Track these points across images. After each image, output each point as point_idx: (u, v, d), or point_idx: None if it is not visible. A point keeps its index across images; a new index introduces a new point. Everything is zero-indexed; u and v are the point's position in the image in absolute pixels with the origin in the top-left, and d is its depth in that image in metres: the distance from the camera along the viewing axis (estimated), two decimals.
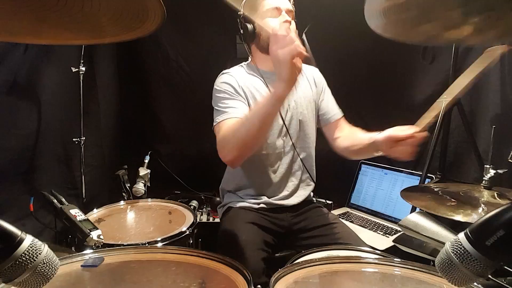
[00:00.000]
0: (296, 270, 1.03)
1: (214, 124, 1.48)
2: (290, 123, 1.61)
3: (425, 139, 1.28)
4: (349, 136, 1.64)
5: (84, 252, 1.10)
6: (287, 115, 1.60)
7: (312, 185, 1.72)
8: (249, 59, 1.68)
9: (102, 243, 1.29)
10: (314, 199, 1.79)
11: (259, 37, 1.56)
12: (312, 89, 1.70)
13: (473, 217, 1.04)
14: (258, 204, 1.60)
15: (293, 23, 1.54)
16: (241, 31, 1.57)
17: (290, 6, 1.55)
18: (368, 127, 2.69)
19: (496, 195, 1.18)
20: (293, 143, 1.62)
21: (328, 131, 1.72)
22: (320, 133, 1.77)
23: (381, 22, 0.78)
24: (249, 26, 1.55)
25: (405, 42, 0.86)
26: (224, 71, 1.63)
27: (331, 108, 1.71)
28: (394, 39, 0.83)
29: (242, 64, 1.69)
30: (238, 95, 1.52)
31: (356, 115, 2.74)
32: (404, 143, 1.28)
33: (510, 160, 1.39)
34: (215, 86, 1.57)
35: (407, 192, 1.29)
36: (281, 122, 1.57)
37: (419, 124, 1.29)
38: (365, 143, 1.47)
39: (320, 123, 1.72)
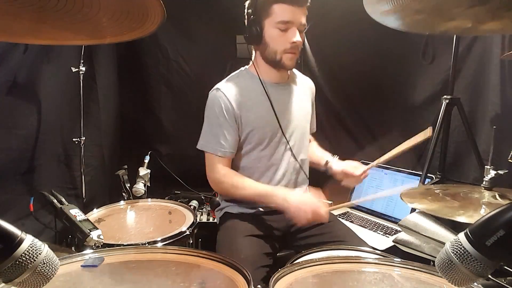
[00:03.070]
0: (296, 270, 1.03)
1: (202, 148, 1.55)
2: (291, 136, 1.60)
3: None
4: (309, 149, 1.76)
5: (84, 252, 1.10)
6: (288, 129, 1.58)
7: (307, 183, 1.71)
8: (250, 63, 1.61)
9: (102, 243, 1.29)
10: None
11: (265, 47, 1.48)
12: (309, 102, 1.72)
13: (475, 218, 1.03)
14: (255, 208, 1.59)
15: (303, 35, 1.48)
16: (247, 30, 1.47)
17: (303, 20, 1.44)
18: (369, 127, 2.71)
19: (497, 195, 1.17)
20: (292, 152, 1.60)
21: None
22: (319, 133, 1.76)
23: (381, 10, 0.78)
24: (256, 29, 1.44)
25: (406, 31, 0.88)
26: (217, 86, 1.55)
27: (312, 121, 1.79)
28: (393, 27, 0.83)
29: (241, 69, 1.63)
30: (227, 121, 1.49)
31: (357, 115, 2.74)
32: (353, 178, 1.55)
33: (510, 160, 1.39)
34: (207, 101, 1.56)
35: (407, 196, 1.28)
36: (283, 139, 1.56)
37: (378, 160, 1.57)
38: (321, 163, 1.69)
39: None
